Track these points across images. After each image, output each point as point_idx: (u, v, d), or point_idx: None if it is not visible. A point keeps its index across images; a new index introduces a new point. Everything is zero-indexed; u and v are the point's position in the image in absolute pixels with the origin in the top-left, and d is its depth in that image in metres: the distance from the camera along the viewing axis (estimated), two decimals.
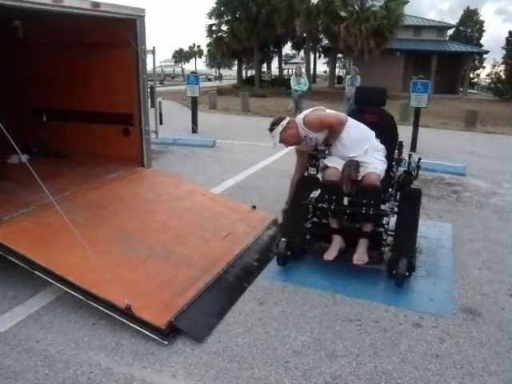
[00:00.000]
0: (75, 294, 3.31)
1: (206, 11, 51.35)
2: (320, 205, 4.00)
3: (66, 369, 2.83)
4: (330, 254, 4.06)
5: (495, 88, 35.23)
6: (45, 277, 3.45)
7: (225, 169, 7.39)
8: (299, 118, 4.27)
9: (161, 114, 5.78)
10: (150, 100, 5.90)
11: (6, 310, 3.49)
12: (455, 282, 3.97)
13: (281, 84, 32.31)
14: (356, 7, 27.16)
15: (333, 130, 4.13)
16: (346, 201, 4.05)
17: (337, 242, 4.13)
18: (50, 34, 5.79)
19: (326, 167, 4.14)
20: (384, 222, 4.13)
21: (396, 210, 4.18)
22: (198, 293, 3.49)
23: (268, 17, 31.34)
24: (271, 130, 4.24)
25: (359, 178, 3.92)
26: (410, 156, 4.48)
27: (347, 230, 4.20)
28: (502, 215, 5.88)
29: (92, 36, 5.50)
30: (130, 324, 3.11)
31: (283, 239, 4.09)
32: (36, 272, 3.50)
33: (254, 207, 5.19)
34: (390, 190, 4.31)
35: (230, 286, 3.80)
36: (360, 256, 3.94)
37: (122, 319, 3.14)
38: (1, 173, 5.44)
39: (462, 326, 3.30)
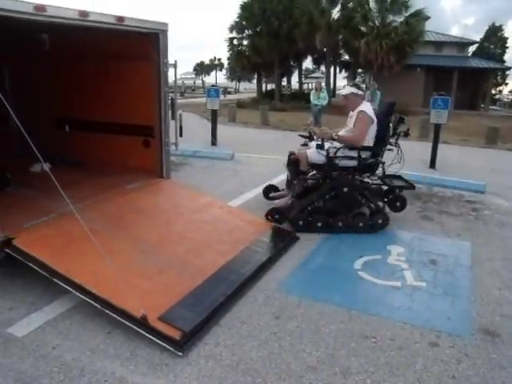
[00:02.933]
0: (92, 303, 3.35)
1: (227, 25, 51.97)
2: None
3: (81, 376, 2.86)
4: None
5: None
6: (63, 284, 3.51)
7: (243, 182, 7.43)
8: (363, 106, 5.50)
9: (181, 127, 5.84)
10: (170, 112, 5.98)
11: (24, 315, 3.55)
12: (473, 302, 3.90)
13: (300, 98, 32.41)
14: (377, 23, 27.20)
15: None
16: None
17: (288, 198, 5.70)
18: (74, 46, 5.94)
19: None
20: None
21: None
22: (214, 305, 3.51)
23: (289, 31, 31.61)
24: (351, 85, 5.74)
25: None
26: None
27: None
28: None
29: (115, 49, 5.62)
30: (146, 334, 3.13)
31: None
32: (55, 279, 3.56)
33: (270, 221, 5.20)
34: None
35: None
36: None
37: (137, 329, 3.17)
38: (23, 181, 5.56)
39: (480, 347, 3.24)
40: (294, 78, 46.68)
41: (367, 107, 5.53)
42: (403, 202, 5.92)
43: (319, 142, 5.47)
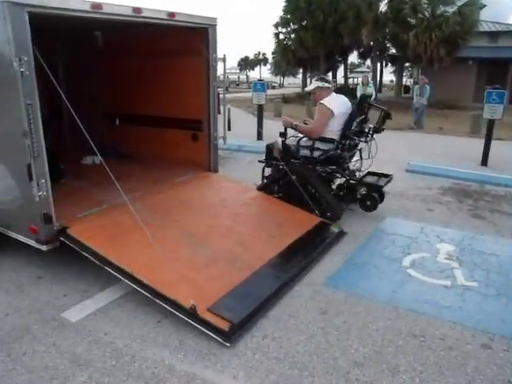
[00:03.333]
0: (143, 292, 3.45)
1: (272, 19, 51.82)
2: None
3: (131, 362, 2.96)
4: None
5: None
6: (115, 273, 3.62)
7: None
8: (324, 99, 5.48)
9: (229, 121, 5.89)
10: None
11: (78, 302, 3.71)
12: None
13: (346, 93, 32.01)
14: (427, 14, 26.32)
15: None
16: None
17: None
18: (125, 42, 6.09)
19: None
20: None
21: None
22: (262, 298, 3.54)
23: (335, 25, 31.14)
24: (315, 80, 5.84)
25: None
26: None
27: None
28: None
29: (166, 44, 5.72)
30: (194, 324, 3.20)
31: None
32: (107, 268, 3.68)
33: (319, 216, 5.18)
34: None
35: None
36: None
37: (186, 319, 3.23)
38: (75, 173, 5.77)
39: None
40: (340, 73, 46.05)
41: (329, 100, 5.50)
42: (374, 201, 5.71)
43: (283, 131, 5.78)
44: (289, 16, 34.91)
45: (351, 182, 5.91)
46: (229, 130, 5.93)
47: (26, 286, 3.98)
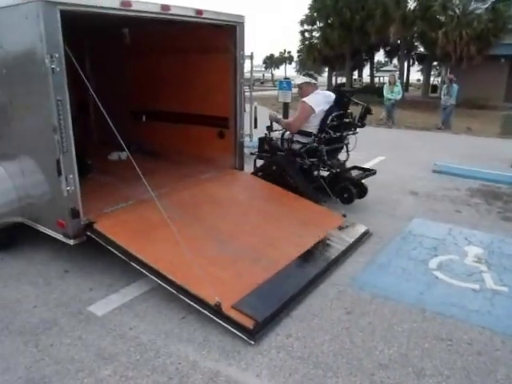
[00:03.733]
0: (168, 288, 3.47)
1: (297, 17, 51.65)
2: None
3: (156, 357, 2.98)
4: None
5: None
6: (140, 269, 3.65)
7: None
8: (306, 96, 5.82)
9: (255, 119, 5.90)
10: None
11: (103, 296, 3.75)
12: None
13: (372, 92, 31.68)
14: (457, 11, 25.77)
15: None
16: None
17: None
18: (152, 39, 6.14)
19: None
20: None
21: None
22: (287, 297, 3.52)
23: (362, 23, 30.83)
24: (304, 75, 6.25)
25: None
26: None
27: None
28: None
29: (193, 41, 5.74)
30: (219, 321, 3.20)
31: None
32: (132, 263, 3.71)
33: (345, 216, 5.14)
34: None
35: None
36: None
37: (211, 316, 3.24)
38: (102, 168, 5.84)
39: None
40: (366, 72, 45.69)
41: (312, 97, 5.80)
42: (350, 194, 5.89)
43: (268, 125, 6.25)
44: (315, 14, 34.72)
45: (332, 175, 6.13)
46: (255, 127, 5.93)
47: (53, 279, 4.05)
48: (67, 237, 3.98)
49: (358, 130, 6.28)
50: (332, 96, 5.92)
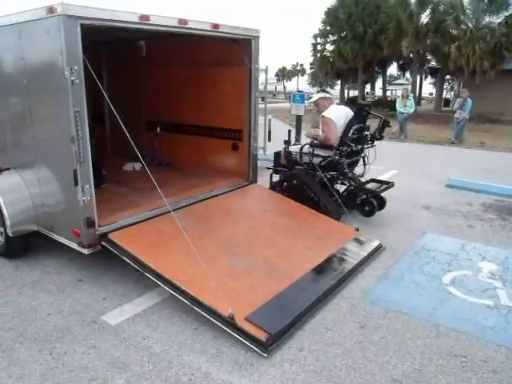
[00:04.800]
0: (181, 299, 3.48)
1: (310, 30, 51.98)
2: None
3: (169, 368, 2.99)
4: None
5: None
6: (154, 279, 3.68)
7: None
8: (326, 111, 5.89)
9: (270, 132, 5.93)
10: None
11: (116, 306, 3.78)
12: None
13: (384, 105, 31.67)
14: (470, 25, 25.76)
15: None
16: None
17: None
18: (168, 52, 6.23)
19: None
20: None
21: None
22: (300, 310, 3.52)
23: (375, 37, 30.96)
24: (317, 91, 6.49)
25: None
26: None
27: None
28: None
29: (209, 55, 5.82)
30: (232, 333, 3.20)
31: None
32: (146, 274, 3.73)
33: (357, 229, 5.13)
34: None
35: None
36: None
37: (224, 327, 3.25)
38: (117, 179, 5.89)
39: None
40: (378, 85, 45.66)
41: (329, 111, 5.91)
42: (372, 206, 5.86)
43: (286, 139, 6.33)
44: (328, 27, 34.92)
45: (352, 187, 6.08)
46: (269, 140, 5.95)
47: (67, 287, 4.09)
48: (82, 246, 4.03)
49: (375, 142, 6.30)
50: (349, 110, 5.98)
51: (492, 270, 4.59)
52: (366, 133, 6.12)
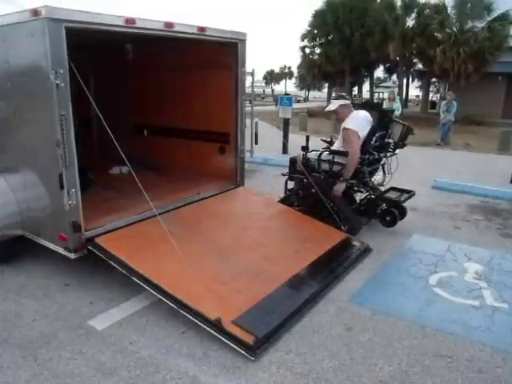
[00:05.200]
0: (169, 303, 3.47)
1: (298, 33, 52.22)
2: None
3: (155, 372, 2.97)
4: None
5: None
6: (141, 283, 3.66)
7: None
8: (347, 120, 5.50)
9: (256, 134, 5.92)
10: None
11: (103, 310, 3.75)
12: None
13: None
14: (454, 29, 26.07)
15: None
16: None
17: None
18: (154, 55, 6.21)
19: None
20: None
21: None
22: (287, 313, 3.53)
23: (362, 40, 31.15)
24: (334, 98, 5.95)
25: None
26: None
27: None
28: None
29: (195, 58, 5.80)
30: (219, 337, 3.20)
31: None
32: (133, 278, 3.71)
33: (344, 229, 5.15)
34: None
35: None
36: None
37: (211, 331, 3.24)
38: (103, 182, 5.86)
39: None
40: (365, 87, 45.98)
41: (353, 122, 5.47)
42: (393, 217, 5.71)
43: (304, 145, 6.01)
44: (315, 31, 35.07)
45: (372, 196, 5.89)
46: (256, 143, 5.94)
47: (53, 292, 4.05)
48: (68, 250, 4.00)
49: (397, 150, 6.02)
50: (369, 116, 5.65)
51: (478, 271, 4.64)
52: (389, 140, 5.86)
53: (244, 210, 5.50)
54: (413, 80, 48.36)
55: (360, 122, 5.48)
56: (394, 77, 47.56)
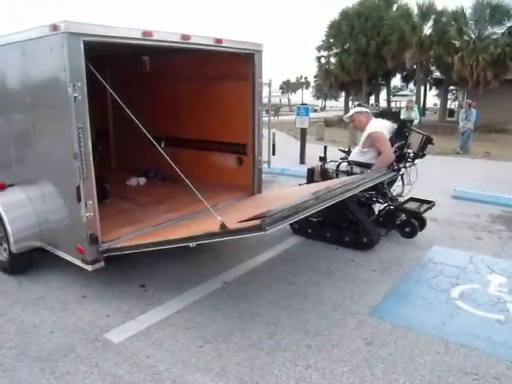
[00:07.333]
0: (189, 244, 3.60)
1: (314, 43, 52.34)
2: None
3: None
4: None
5: None
6: (168, 246, 3.82)
7: None
8: (371, 126, 5.56)
9: (274, 145, 5.89)
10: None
11: (120, 323, 3.73)
12: None
13: (389, 116, 31.68)
14: (473, 36, 25.80)
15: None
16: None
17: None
18: (171, 67, 6.23)
19: None
20: None
21: None
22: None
23: (378, 49, 31.08)
24: (354, 106, 6.04)
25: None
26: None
27: None
28: None
29: (212, 69, 5.81)
30: (230, 238, 3.36)
31: None
32: (158, 247, 3.84)
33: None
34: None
35: None
36: None
37: (221, 238, 3.45)
38: (120, 194, 5.87)
39: None
40: (382, 96, 45.70)
41: (376, 125, 5.59)
42: (413, 228, 5.58)
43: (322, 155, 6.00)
44: (331, 40, 35.12)
45: (391, 207, 5.81)
46: (273, 154, 5.90)
47: (70, 304, 4.05)
48: (85, 262, 4.00)
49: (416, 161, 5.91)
50: (389, 123, 5.70)
51: (501, 283, 4.51)
52: (408, 150, 5.77)
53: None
54: (430, 88, 47.95)
55: (384, 127, 5.61)
56: (412, 85, 47.24)
